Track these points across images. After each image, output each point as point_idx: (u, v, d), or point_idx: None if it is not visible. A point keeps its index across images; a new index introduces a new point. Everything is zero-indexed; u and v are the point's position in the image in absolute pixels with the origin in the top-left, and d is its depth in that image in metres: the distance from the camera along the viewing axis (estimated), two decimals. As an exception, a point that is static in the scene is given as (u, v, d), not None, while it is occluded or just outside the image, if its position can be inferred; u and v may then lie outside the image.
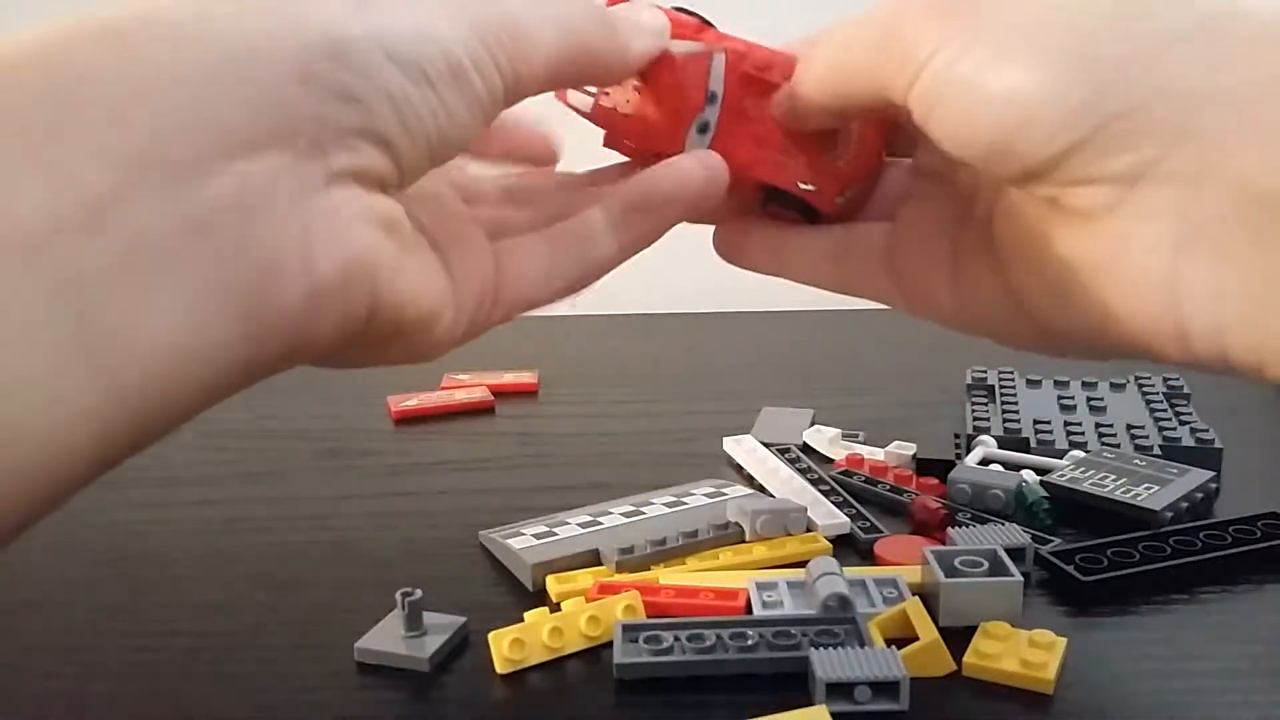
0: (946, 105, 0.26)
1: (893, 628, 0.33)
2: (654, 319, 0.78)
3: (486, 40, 0.26)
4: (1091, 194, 0.25)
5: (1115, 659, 0.33)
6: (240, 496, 0.47)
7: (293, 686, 0.33)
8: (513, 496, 0.47)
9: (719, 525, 0.40)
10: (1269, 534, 0.39)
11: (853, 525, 0.42)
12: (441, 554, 0.41)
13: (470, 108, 0.26)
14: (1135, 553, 0.38)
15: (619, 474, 0.49)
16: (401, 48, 0.24)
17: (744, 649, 0.32)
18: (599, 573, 0.38)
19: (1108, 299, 0.25)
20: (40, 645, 0.35)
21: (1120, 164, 0.24)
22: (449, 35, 0.25)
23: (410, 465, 0.51)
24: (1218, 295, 0.23)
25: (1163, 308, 0.24)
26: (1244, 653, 0.33)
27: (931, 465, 0.48)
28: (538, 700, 0.32)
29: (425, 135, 0.25)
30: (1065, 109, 0.24)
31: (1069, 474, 0.44)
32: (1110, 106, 0.24)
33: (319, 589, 0.39)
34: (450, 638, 0.34)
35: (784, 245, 0.34)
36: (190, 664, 0.34)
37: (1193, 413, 0.52)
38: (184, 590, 0.39)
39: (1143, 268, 0.24)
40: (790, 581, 0.36)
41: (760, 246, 0.34)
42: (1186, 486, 0.43)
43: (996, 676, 0.32)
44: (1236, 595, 0.37)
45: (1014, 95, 0.25)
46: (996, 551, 0.36)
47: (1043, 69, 0.25)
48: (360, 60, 0.24)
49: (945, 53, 0.26)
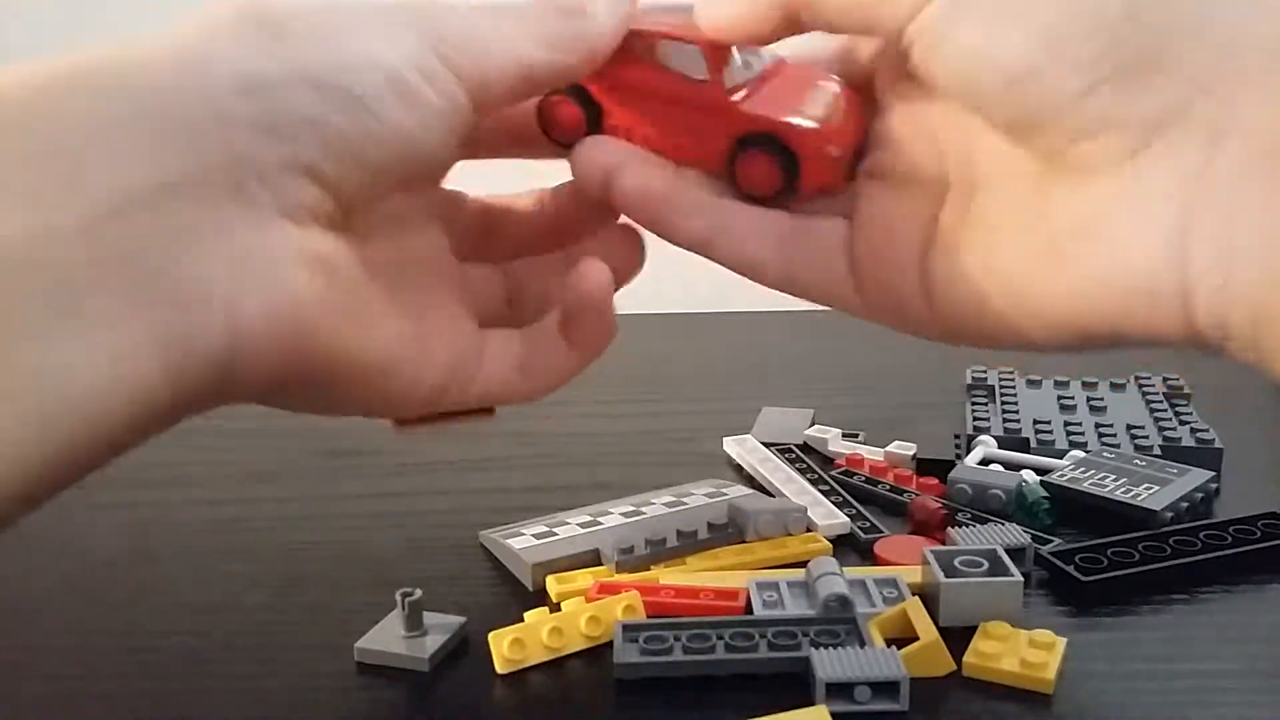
0: (959, 36, 0.24)
1: (893, 628, 0.33)
2: (654, 319, 0.77)
3: (440, 50, 0.26)
4: (1104, 144, 0.23)
5: (1115, 659, 0.33)
6: (240, 496, 0.47)
7: (293, 686, 0.33)
8: (513, 496, 0.47)
9: (719, 525, 0.40)
10: (1269, 534, 0.39)
11: (853, 525, 0.42)
12: (441, 554, 0.41)
13: (421, 117, 0.26)
14: (1135, 553, 0.38)
15: (619, 474, 0.49)
16: (325, 75, 0.24)
17: (744, 649, 0.32)
18: (599, 573, 0.38)
19: (1107, 259, 0.24)
20: (40, 645, 0.35)
21: (1146, 107, 0.23)
22: (388, 54, 0.25)
23: (410, 465, 0.51)
24: (1228, 252, 0.22)
25: (1168, 265, 0.23)
26: (1244, 653, 0.33)
27: (931, 465, 0.47)
28: (538, 700, 0.32)
29: (360, 161, 0.25)
30: (1096, 41, 0.23)
31: (1069, 474, 0.44)
32: (1143, 41, 0.23)
33: (319, 589, 0.39)
34: (450, 638, 0.34)
35: (727, 212, 0.30)
36: (190, 664, 0.34)
37: (1193, 413, 0.52)
38: (184, 590, 0.39)
39: (1152, 222, 0.23)
40: (790, 581, 0.36)
41: (696, 208, 0.30)
42: (1186, 486, 0.43)
43: (996, 676, 0.32)
44: (1236, 595, 0.37)
45: (1043, 23, 0.23)
46: (996, 551, 0.36)
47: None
48: (275, 92, 0.23)
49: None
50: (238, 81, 0.23)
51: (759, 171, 0.30)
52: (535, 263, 0.35)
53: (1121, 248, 0.24)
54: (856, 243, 0.30)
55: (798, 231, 0.31)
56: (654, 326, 0.77)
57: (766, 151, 0.30)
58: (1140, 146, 0.23)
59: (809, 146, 0.29)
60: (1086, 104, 0.23)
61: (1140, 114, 0.23)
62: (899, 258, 0.29)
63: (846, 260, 0.30)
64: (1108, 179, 0.24)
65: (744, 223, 0.30)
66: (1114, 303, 0.24)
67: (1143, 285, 0.24)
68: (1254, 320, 0.22)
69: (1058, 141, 0.24)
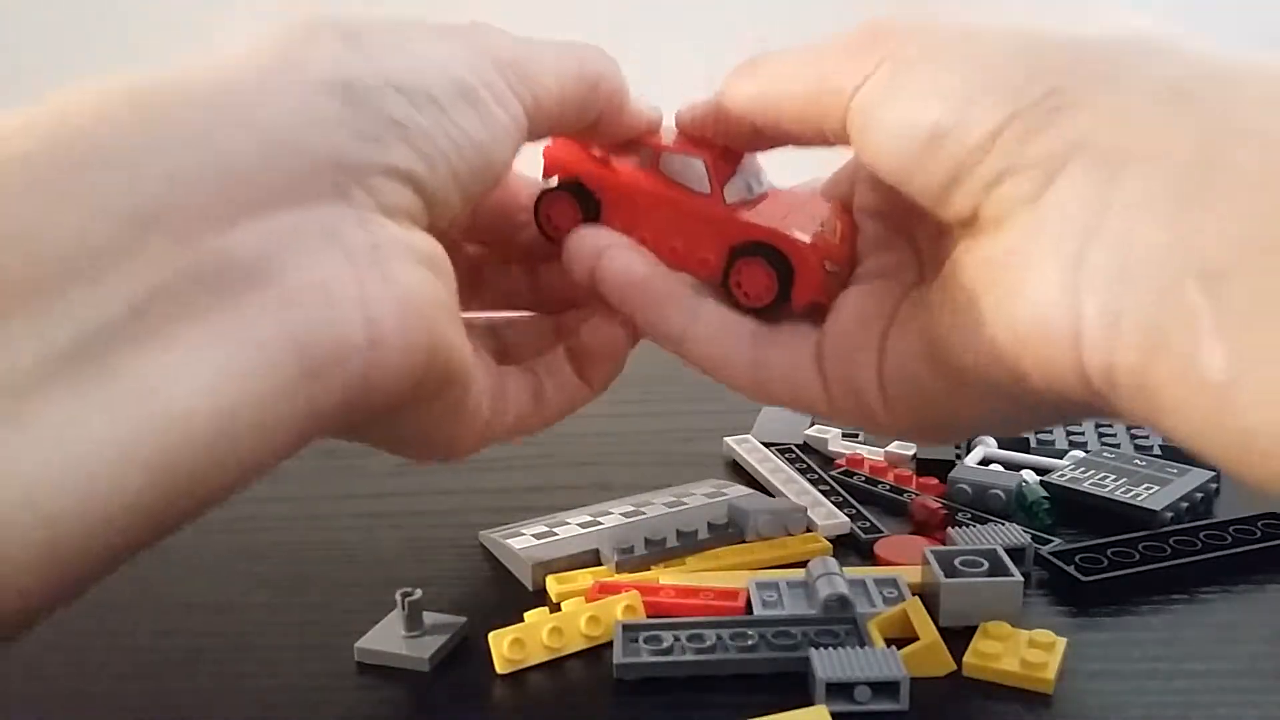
0: (883, 113, 0.26)
1: (893, 628, 0.33)
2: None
3: (497, 63, 0.27)
4: (1012, 188, 0.24)
5: (1115, 659, 0.33)
6: (240, 496, 0.47)
7: (293, 686, 0.33)
8: (513, 496, 0.47)
9: (719, 525, 0.40)
10: (1269, 534, 0.39)
11: (853, 525, 0.42)
12: (441, 554, 0.41)
13: (490, 128, 0.26)
14: (1135, 553, 0.38)
15: (619, 474, 0.49)
16: (405, 78, 0.24)
17: (744, 649, 0.32)
18: (599, 573, 0.38)
19: (1011, 302, 0.24)
20: (40, 645, 0.35)
21: (1047, 145, 0.23)
22: (452, 60, 0.26)
23: (410, 465, 0.51)
24: (1120, 276, 0.21)
25: (1062, 297, 0.22)
26: (1244, 653, 0.33)
27: (931, 465, 0.48)
28: (538, 700, 0.32)
29: (445, 161, 0.25)
30: (998, 93, 0.24)
31: (1069, 474, 0.44)
32: (1046, 85, 0.23)
33: (319, 589, 0.39)
34: (450, 638, 0.34)
35: (702, 307, 0.31)
36: (190, 664, 0.34)
37: (1193, 413, 0.52)
38: (184, 590, 0.39)
39: (1051, 256, 0.23)
40: (790, 581, 0.36)
41: (673, 298, 0.31)
42: (1186, 486, 0.43)
43: (996, 676, 0.32)
44: (1236, 595, 0.37)
45: (951, 88, 0.25)
46: (996, 551, 0.36)
47: (970, 64, 0.25)
48: (364, 95, 0.24)
49: (871, 80, 0.26)
50: (328, 87, 0.23)
51: (755, 282, 0.31)
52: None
53: (1023, 287, 0.23)
54: (825, 342, 0.30)
55: (769, 332, 0.31)
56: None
57: (763, 261, 0.31)
58: (1045, 185, 0.23)
59: (804, 258, 0.30)
60: (993, 151, 0.24)
61: (1042, 152, 0.23)
62: (863, 356, 0.29)
63: (815, 360, 0.30)
64: (1017, 224, 0.24)
65: (718, 318, 0.31)
66: (1017, 347, 0.24)
67: (1040, 321, 0.23)
68: (1142, 347, 0.21)
69: (974, 194, 0.25)
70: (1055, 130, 0.23)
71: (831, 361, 0.30)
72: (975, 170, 0.24)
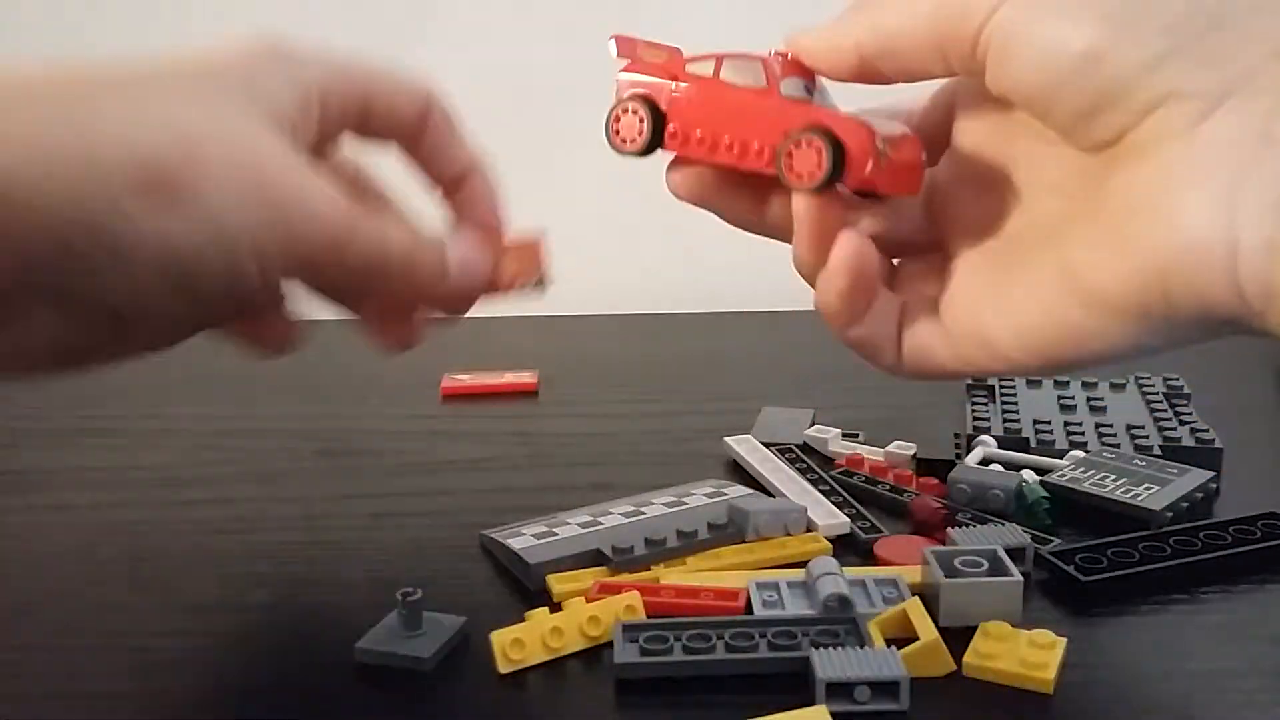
0: (1031, 30, 0.25)
1: (893, 628, 0.33)
2: (654, 319, 0.78)
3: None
4: (1170, 115, 0.24)
5: (1115, 659, 0.33)
6: (240, 496, 0.47)
7: (293, 686, 0.33)
8: (513, 496, 0.47)
9: (719, 525, 0.40)
10: (1269, 534, 0.39)
11: (853, 525, 0.42)
12: (441, 554, 0.41)
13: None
14: (1135, 553, 0.38)
15: (619, 474, 0.49)
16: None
17: (744, 649, 0.32)
18: (599, 573, 0.38)
19: (1163, 226, 0.24)
20: (40, 645, 0.35)
21: (1213, 75, 0.23)
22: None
23: (410, 465, 0.51)
24: (1275, 206, 0.23)
25: (1216, 221, 0.23)
26: (1244, 653, 0.33)
27: (931, 465, 0.48)
28: (538, 700, 0.32)
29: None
30: (1163, 16, 0.24)
31: (1069, 474, 0.44)
32: (1210, 11, 0.24)
33: (319, 589, 0.39)
34: (450, 638, 0.34)
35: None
36: (190, 664, 0.34)
37: (1193, 413, 0.52)
38: (184, 590, 0.39)
39: (1207, 181, 0.23)
40: (790, 581, 0.36)
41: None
42: (1186, 486, 0.43)
43: (996, 676, 0.32)
44: (1236, 595, 0.37)
45: (1109, 6, 0.24)
46: (996, 551, 0.36)
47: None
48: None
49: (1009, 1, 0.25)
50: None
51: (806, 159, 0.31)
52: None
53: (1175, 211, 0.24)
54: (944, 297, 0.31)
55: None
56: (654, 326, 0.77)
57: (814, 139, 0.31)
58: (1205, 114, 0.24)
59: (854, 134, 0.30)
60: (1155, 76, 0.24)
61: (1207, 82, 0.24)
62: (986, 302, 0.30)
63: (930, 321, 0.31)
64: (1166, 151, 0.24)
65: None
66: (1167, 269, 0.24)
67: (1194, 244, 0.24)
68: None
69: (1124, 120, 0.25)
70: (1216, 63, 0.23)
71: (952, 315, 0.30)
72: (1133, 94, 0.24)
